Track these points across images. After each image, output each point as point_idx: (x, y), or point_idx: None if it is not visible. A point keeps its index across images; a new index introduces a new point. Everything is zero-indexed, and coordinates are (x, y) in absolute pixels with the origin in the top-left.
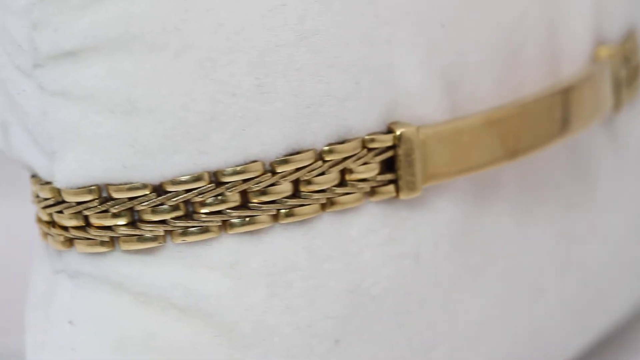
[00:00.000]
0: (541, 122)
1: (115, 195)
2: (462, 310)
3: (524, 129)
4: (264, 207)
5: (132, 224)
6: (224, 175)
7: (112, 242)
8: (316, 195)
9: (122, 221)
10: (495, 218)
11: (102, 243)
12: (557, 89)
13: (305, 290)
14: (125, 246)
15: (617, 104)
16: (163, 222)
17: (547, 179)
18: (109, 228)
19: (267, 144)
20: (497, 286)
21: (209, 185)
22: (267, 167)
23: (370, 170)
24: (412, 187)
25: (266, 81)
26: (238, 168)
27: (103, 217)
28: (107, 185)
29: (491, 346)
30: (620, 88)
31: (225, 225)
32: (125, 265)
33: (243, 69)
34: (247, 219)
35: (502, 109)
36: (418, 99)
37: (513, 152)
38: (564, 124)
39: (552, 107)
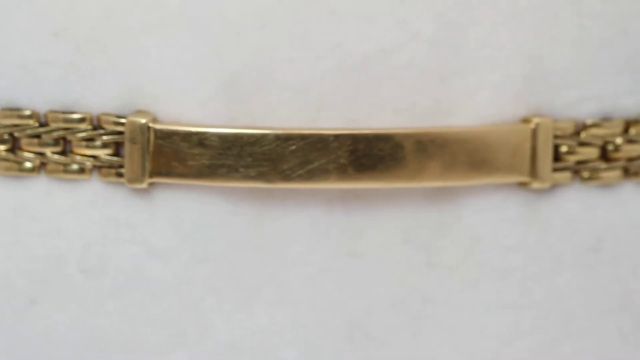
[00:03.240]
0: (319, 158)
1: None
2: (225, 324)
3: (290, 158)
4: None
5: None
6: None
7: None
8: (31, 156)
9: None
10: (290, 245)
11: None
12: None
13: (4, 243)
14: None
15: (534, 178)
16: None
17: (390, 225)
18: None
19: None
20: (293, 315)
21: None
22: None
23: (94, 148)
24: (135, 178)
25: None
26: None
27: None
28: None
29: None
30: (535, 162)
31: None
32: None
33: None
34: None
35: (260, 132)
36: (179, 96)
37: (269, 178)
38: (355, 169)
39: (334, 148)
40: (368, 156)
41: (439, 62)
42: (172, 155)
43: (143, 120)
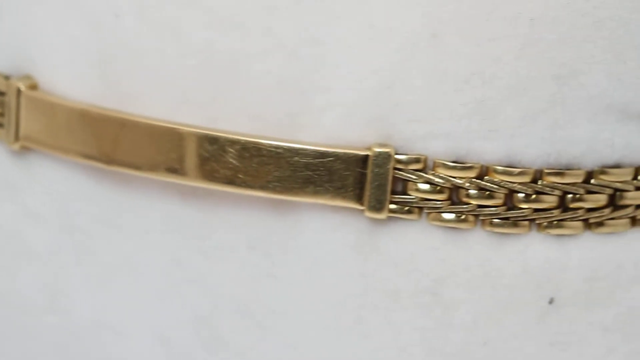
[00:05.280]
0: (150, 149)
1: None
2: (90, 297)
3: (128, 143)
4: None
5: None
6: None
7: None
8: None
9: None
10: (146, 232)
11: None
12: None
13: None
14: None
15: (367, 208)
16: None
17: (237, 229)
18: None
19: None
20: (147, 301)
21: None
22: None
23: None
24: (9, 140)
25: None
26: None
27: None
28: None
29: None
30: (371, 192)
31: None
32: None
33: None
34: None
35: (103, 112)
36: (59, 67)
37: (108, 159)
38: (180, 165)
39: (165, 142)
40: (194, 155)
41: (298, 75)
42: (35, 123)
43: (17, 85)
